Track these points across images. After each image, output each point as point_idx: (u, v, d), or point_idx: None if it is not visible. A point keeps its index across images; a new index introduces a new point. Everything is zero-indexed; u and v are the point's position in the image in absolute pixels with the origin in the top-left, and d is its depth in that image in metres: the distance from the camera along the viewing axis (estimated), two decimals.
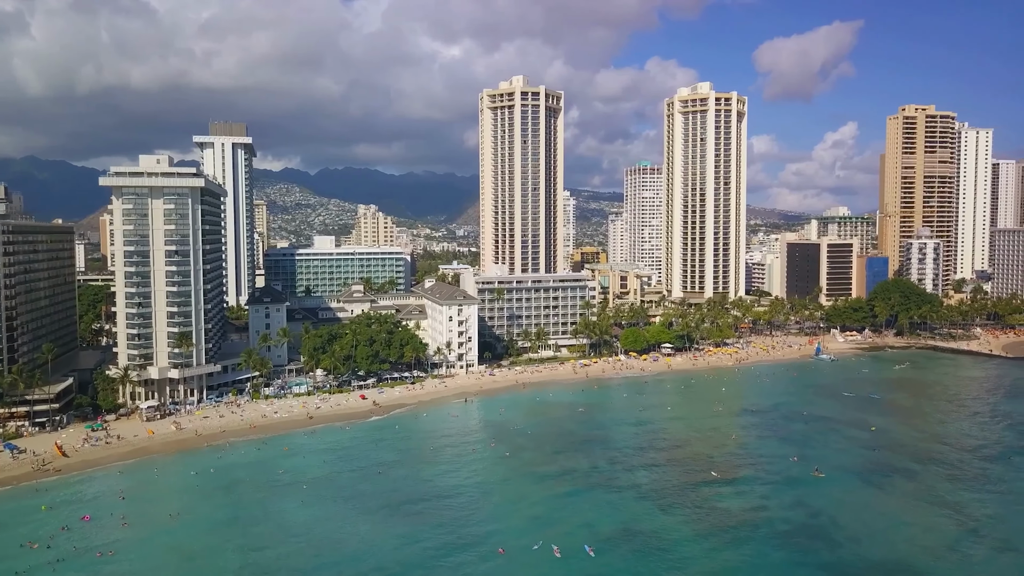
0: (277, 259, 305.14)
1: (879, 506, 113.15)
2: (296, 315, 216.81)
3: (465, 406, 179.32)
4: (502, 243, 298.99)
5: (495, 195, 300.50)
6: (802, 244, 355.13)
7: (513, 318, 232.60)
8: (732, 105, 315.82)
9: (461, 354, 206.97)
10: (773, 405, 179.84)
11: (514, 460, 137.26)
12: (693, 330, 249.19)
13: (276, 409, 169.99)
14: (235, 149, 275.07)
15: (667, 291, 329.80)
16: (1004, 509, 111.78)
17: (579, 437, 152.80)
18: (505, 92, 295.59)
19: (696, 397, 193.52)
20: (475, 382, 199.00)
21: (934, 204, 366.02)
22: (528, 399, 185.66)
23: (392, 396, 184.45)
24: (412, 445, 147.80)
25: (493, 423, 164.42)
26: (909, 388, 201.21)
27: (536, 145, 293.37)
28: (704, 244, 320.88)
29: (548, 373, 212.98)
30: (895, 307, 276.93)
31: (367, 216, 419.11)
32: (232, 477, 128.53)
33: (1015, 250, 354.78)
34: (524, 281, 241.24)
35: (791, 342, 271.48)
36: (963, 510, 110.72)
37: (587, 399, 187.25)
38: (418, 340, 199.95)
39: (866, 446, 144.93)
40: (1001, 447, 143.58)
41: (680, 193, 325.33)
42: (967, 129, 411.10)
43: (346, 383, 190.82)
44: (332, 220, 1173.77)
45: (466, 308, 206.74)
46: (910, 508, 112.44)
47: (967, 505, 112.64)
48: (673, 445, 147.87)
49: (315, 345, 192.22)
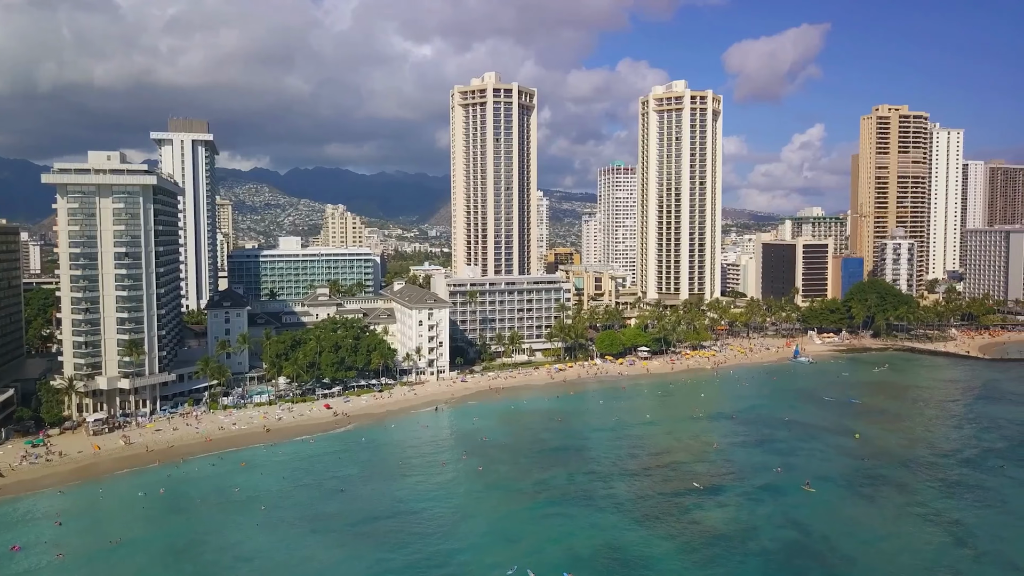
0: (241, 261, 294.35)
1: (871, 521, 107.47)
2: (258, 320, 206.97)
3: (436, 415, 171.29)
4: (474, 244, 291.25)
5: (467, 194, 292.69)
6: (777, 245, 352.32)
7: (486, 321, 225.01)
8: (707, 104, 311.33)
9: (432, 360, 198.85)
10: (754, 411, 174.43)
11: (487, 474, 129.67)
12: (670, 333, 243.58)
13: (235, 420, 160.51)
14: (195, 146, 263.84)
15: (642, 292, 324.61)
16: (1002, 524, 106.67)
17: (555, 447, 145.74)
18: (477, 89, 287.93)
19: (675, 403, 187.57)
20: (446, 389, 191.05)
21: (907, 204, 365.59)
22: (502, 407, 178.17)
23: (359, 405, 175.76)
24: (379, 459, 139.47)
25: (465, 433, 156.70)
26: (890, 392, 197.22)
27: (509, 143, 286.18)
28: (679, 245, 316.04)
29: (522, 378, 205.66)
30: (872, 308, 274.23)
31: (335, 216, 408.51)
32: (183, 497, 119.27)
33: (986, 250, 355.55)
34: (497, 283, 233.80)
35: (768, 344, 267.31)
36: (960, 525, 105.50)
37: (563, 406, 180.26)
38: (386, 346, 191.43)
39: (852, 455, 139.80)
40: (990, 454, 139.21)
41: (655, 193, 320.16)
42: (938, 129, 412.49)
43: (310, 392, 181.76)
44: (302, 220, 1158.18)
45: (436, 312, 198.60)
46: (904, 523, 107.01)
47: (963, 519, 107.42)
48: (653, 454, 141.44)
49: (277, 352, 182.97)
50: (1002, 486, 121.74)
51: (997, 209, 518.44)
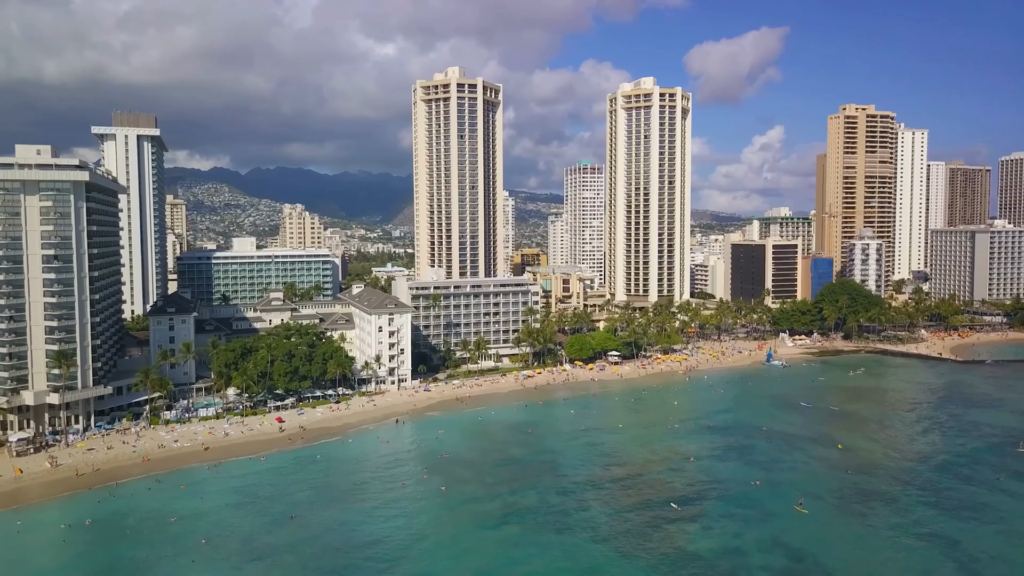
0: (191, 263, 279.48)
1: (865, 543, 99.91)
2: (207, 326, 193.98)
3: (397, 428, 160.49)
4: (438, 245, 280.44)
5: (430, 193, 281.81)
6: (746, 245, 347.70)
7: (450, 326, 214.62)
8: (676, 101, 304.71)
9: (392, 368, 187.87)
10: (731, 420, 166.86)
11: (451, 495, 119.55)
12: (640, 336, 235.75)
13: (177, 437, 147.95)
14: (140, 142, 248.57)
15: (610, 294, 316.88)
16: (1002, 543, 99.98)
17: (525, 464, 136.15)
18: (440, 84, 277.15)
19: (648, 412, 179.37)
20: (408, 399, 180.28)
21: (875, 204, 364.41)
22: (467, 418, 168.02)
23: (314, 418, 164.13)
24: (334, 480, 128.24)
25: (428, 449, 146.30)
26: (868, 397, 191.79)
27: (474, 140, 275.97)
28: (648, 245, 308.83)
29: (489, 386, 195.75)
30: (843, 310, 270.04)
31: (293, 216, 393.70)
32: (112, 528, 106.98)
33: (951, 251, 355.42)
34: (462, 286, 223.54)
35: (740, 347, 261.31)
36: (958, 546, 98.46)
37: (532, 416, 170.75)
38: (343, 353, 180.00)
39: (837, 467, 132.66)
40: (980, 464, 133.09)
41: (623, 192, 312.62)
42: (903, 130, 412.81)
43: (261, 404, 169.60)
44: (263, 221, 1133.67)
45: (398, 317, 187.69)
46: (900, 545, 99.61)
47: (962, 540, 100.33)
48: (628, 471, 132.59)
49: (227, 361, 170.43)
50: (998, 501, 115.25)
51: (957, 210, 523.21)
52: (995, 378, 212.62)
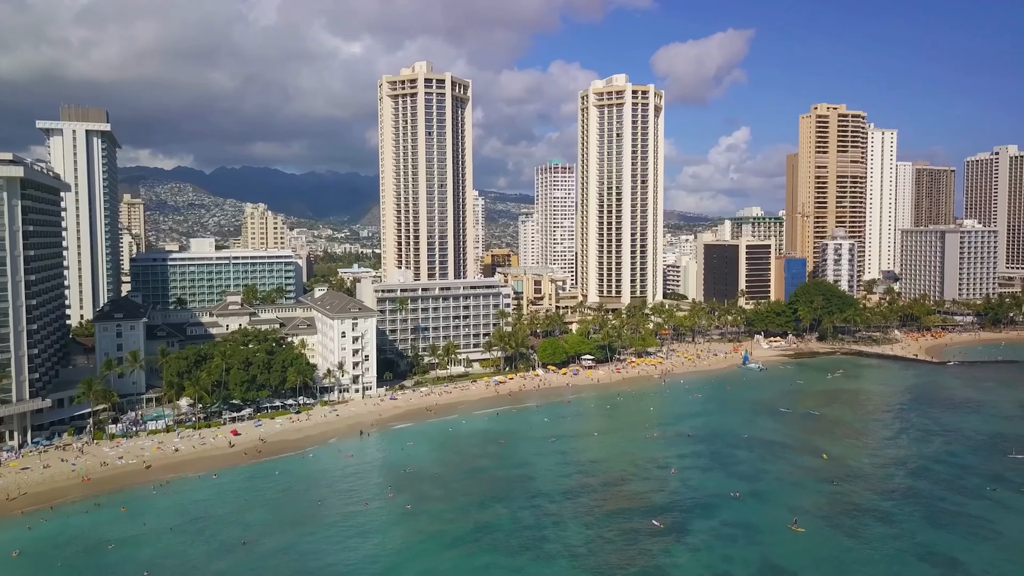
0: (146, 265, 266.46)
1: (862, 565, 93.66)
2: (158, 332, 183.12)
3: (361, 441, 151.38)
4: (406, 246, 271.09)
5: (397, 192, 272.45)
6: (720, 245, 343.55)
7: (418, 330, 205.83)
8: (649, 99, 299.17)
9: (357, 376, 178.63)
10: (711, 427, 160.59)
11: (418, 515, 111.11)
12: (614, 339, 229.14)
13: (122, 453, 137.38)
14: (90, 137, 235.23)
15: (583, 296, 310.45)
16: (1003, 561, 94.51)
17: (497, 478, 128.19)
18: (407, 79, 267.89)
19: (624, 419, 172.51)
20: (373, 409, 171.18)
21: (847, 204, 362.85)
22: (436, 429, 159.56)
23: (272, 430, 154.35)
24: (291, 500, 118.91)
25: (394, 463, 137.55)
26: (847, 401, 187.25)
27: (442, 137, 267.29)
28: (621, 246, 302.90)
29: (459, 394, 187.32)
30: (818, 311, 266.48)
31: (255, 216, 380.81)
32: (42, 560, 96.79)
33: (921, 251, 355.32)
34: (430, 288, 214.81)
35: (715, 349, 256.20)
36: (958, 566, 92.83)
37: (504, 425, 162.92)
38: (304, 361, 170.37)
39: (823, 478, 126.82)
40: (967, 473, 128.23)
41: (595, 192, 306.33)
42: (872, 129, 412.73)
43: (216, 415, 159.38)
44: (228, 221, 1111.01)
45: (362, 322, 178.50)
46: (899, 565, 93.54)
47: (960, 558, 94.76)
48: (606, 484, 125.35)
49: (179, 369, 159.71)
50: (991, 513, 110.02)
51: (923, 210, 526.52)
52: (972, 380, 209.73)
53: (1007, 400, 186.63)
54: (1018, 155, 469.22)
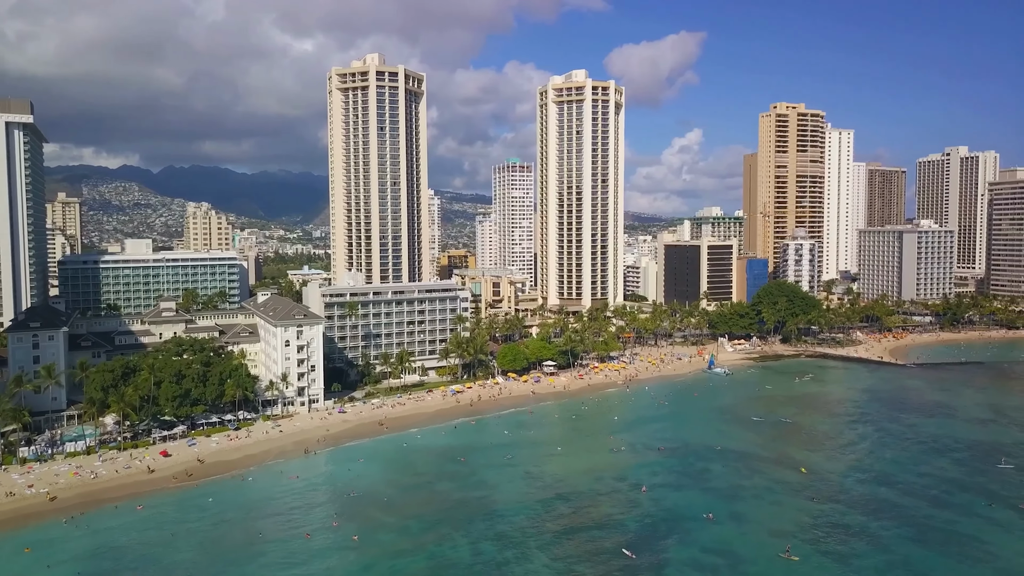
0: (75, 268, 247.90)
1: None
2: (82, 342, 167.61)
3: (306, 460, 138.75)
4: (357, 247, 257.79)
5: (347, 190, 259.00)
6: (681, 246, 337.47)
7: (370, 337, 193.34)
8: (610, 95, 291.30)
9: (302, 388, 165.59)
10: (681, 439, 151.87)
11: (365, 548, 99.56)
12: (577, 344, 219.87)
13: (33, 480, 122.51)
14: (10, 130, 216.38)
15: (543, 298, 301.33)
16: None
17: (455, 502, 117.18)
18: (358, 71, 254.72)
19: (589, 431, 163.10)
20: (320, 424, 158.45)
21: (806, 204, 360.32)
22: (389, 445, 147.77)
23: (208, 449, 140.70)
24: (225, 533, 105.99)
25: (342, 486, 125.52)
26: (819, 407, 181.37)
27: (395, 133, 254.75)
28: (581, 246, 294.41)
29: (413, 405, 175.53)
30: (782, 312, 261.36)
31: (198, 215, 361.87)
32: None
33: (879, 250, 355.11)
34: (383, 292, 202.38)
35: (679, 353, 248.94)
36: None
37: (462, 440, 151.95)
38: (244, 372, 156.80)
39: (803, 495, 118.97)
40: (953, 487, 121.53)
41: (555, 190, 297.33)
42: (830, 129, 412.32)
43: (145, 434, 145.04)
44: (175, 221, 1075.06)
45: (308, 329, 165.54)
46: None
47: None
48: (573, 507, 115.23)
49: (103, 383, 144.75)
50: (985, 532, 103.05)
51: (875, 210, 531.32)
52: (939, 383, 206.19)
53: (977, 404, 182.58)
54: (969, 156, 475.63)
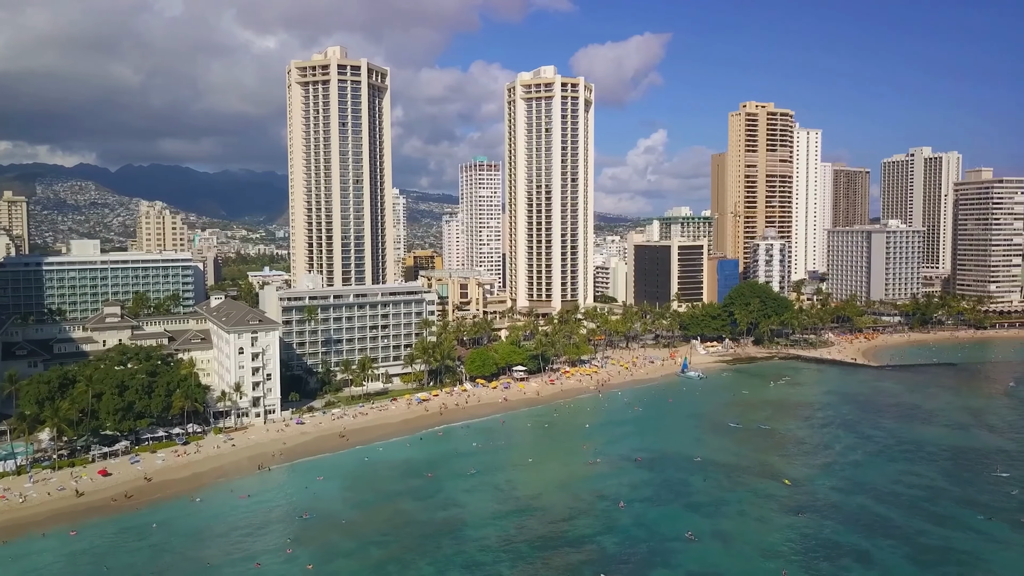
0: (15, 271, 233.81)
1: None
2: (17, 351, 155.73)
3: (260, 477, 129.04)
4: (317, 248, 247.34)
5: (308, 189, 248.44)
6: (651, 246, 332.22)
7: (330, 343, 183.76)
8: (579, 92, 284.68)
9: (257, 398, 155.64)
10: (658, 449, 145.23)
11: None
12: (548, 348, 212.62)
13: None
14: None
15: (512, 300, 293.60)
16: None
17: (420, 522, 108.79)
18: (319, 64, 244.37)
19: (562, 440, 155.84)
20: (276, 436, 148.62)
21: (776, 204, 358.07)
22: (350, 460, 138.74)
23: (153, 466, 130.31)
24: (168, 565, 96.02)
25: (298, 506, 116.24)
26: (797, 413, 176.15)
27: (358, 129, 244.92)
28: (551, 246, 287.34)
29: (376, 415, 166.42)
30: (755, 314, 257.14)
31: (151, 215, 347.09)
32: None
33: (848, 250, 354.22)
34: (344, 295, 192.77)
35: (651, 356, 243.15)
36: None
37: (428, 453, 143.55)
38: (193, 382, 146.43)
39: (787, 509, 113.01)
40: (942, 498, 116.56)
41: (524, 189, 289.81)
42: (798, 129, 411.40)
43: (84, 450, 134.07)
44: (134, 221, 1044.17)
45: (263, 336, 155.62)
46: None
47: None
48: (548, 526, 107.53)
49: (39, 396, 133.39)
50: (980, 550, 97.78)
51: (840, 210, 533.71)
52: (914, 385, 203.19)
53: (955, 407, 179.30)
54: (933, 156, 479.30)
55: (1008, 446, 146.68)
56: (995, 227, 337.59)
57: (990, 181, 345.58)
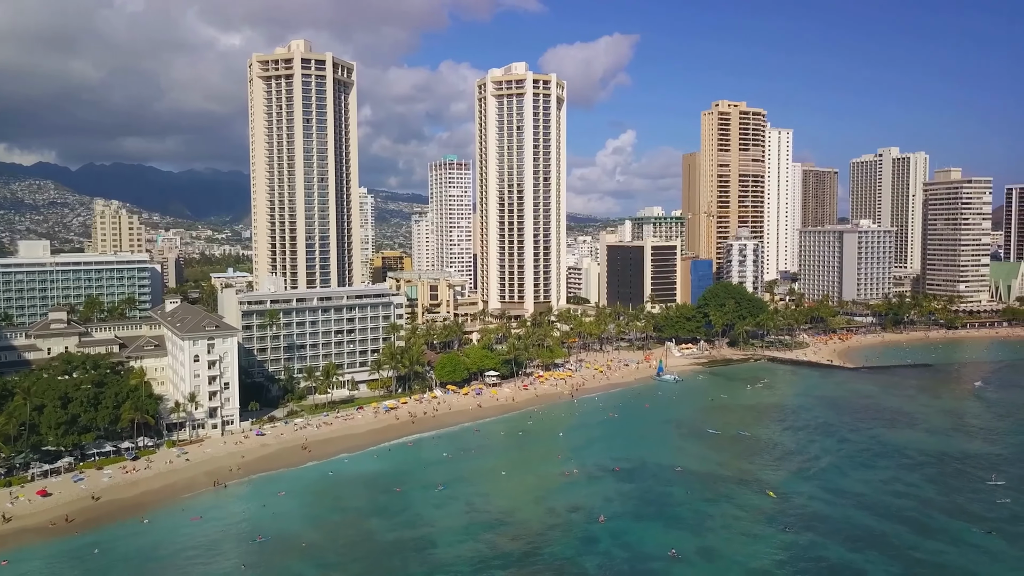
0: None
1: None
2: None
3: (216, 495, 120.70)
4: (280, 248, 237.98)
5: (270, 187, 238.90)
6: (624, 247, 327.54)
7: (293, 349, 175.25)
8: (551, 89, 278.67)
9: (214, 408, 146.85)
10: (636, 458, 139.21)
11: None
12: (521, 352, 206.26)
13: None
14: None
15: (483, 301, 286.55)
16: None
17: (388, 546, 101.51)
18: (282, 58, 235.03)
19: (537, 450, 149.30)
20: (235, 449, 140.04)
21: (748, 203, 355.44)
22: (313, 474, 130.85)
23: (98, 484, 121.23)
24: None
25: (255, 527, 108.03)
26: (776, 417, 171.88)
27: (323, 125, 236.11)
28: (523, 246, 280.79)
29: (342, 425, 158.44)
30: (729, 315, 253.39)
31: (107, 215, 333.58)
32: None
33: (820, 250, 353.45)
34: (307, 298, 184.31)
35: (626, 359, 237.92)
36: None
37: (396, 466, 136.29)
38: (145, 392, 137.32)
39: (774, 522, 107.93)
40: (931, 509, 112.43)
41: (495, 188, 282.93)
42: (769, 129, 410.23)
43: (22, 468, 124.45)
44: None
45: (220, 342, 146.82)
46: None
47: None
48: (525, 547, 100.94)
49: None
50: (976, 565, 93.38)
51: (809, 210, 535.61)
52: (892, 388, 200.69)
53: (935, 411, 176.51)
54: (900, 157, 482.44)
55: (992, 450, 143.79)
56: (964, 227, 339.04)
57: (959, 181, 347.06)
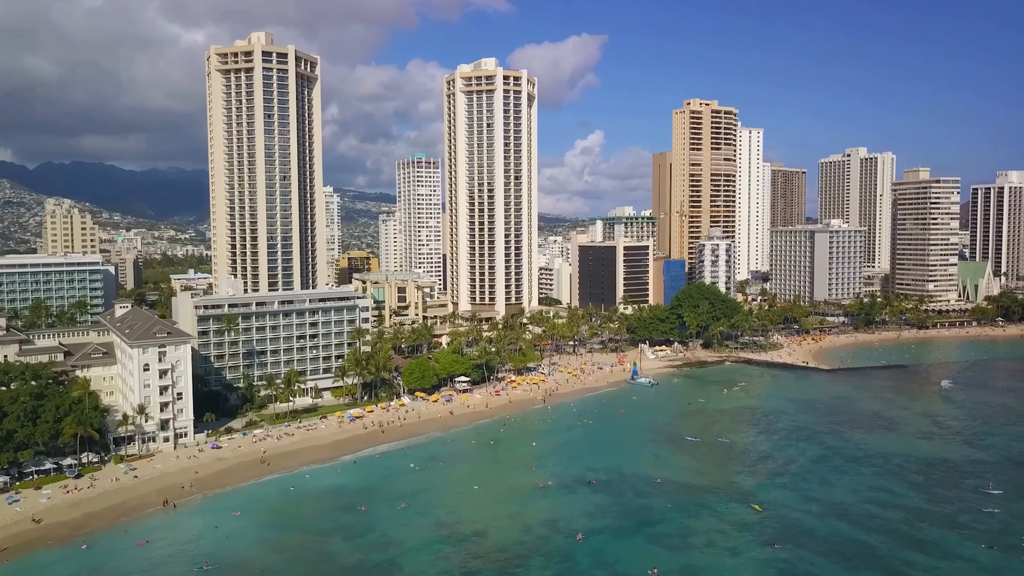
0: None
1: None
2: None
3: (165, 517, 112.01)
4: (241, 249, 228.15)
5: (230, 185, 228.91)
6: (596, 247, 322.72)
7: (252, 355, 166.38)
8: (522, 86, 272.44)
9: (166, 420, 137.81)
10: (613, 468, 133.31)
11: None
12: (492, 356, 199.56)
13: None
14: None
15: (453, 303, 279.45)
16: None
17: (350, 568, 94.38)
18: (241, 51, 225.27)
19: (510, 460, 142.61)
20: (188, 464, 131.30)
21: (720, 203, 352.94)
22: (272, 490, 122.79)
23: (35, 506, 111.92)
24: None
25: (206, 551, 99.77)
26: (755, 423, 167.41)
27: (285, 122, 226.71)
28: (495, 247, 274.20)
29: (304, 436, 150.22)
30: (704, 316, 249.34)
31: (58, 215, 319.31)
32: None
33: (791, 250, 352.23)
34: (268, 302, 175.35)
35: (599, 361, 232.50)
36: None
37: (361, 480, 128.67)
38: (90, 405, 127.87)
39: (761, 538, 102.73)
40: (921, 520, 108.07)
41: (465, 187, 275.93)
42: (740, 128, 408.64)
43: None
44: None
45: (173, 350, 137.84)
46: None
47: None
48: (497, 567, 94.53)
49: None
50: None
51: (778, 210, 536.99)
52: (869, 390, 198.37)
53: (914, 414, 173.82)
54: (868, 157, 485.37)
55: (977, 456, 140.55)
56: (933, 227, 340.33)
57: (927, 181, 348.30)
